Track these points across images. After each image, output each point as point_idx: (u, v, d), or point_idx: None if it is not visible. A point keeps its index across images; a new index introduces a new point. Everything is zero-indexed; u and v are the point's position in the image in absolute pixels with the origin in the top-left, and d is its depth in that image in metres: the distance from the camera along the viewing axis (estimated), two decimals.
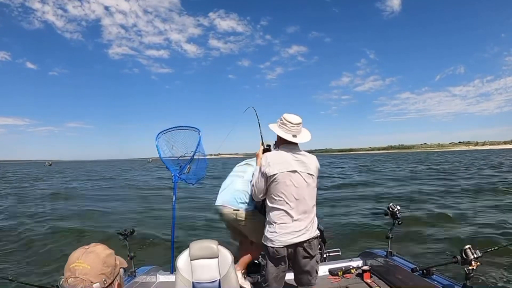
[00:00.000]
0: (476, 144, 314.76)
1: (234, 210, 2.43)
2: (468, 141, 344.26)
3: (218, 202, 2.52)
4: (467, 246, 1.69)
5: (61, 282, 1.55)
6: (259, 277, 2.08)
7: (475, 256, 1.66)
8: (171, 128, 3.32)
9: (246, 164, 2.70)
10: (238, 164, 2.75)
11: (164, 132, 3.31)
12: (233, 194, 2.47)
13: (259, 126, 3.06)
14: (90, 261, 0.91)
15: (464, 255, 1.68)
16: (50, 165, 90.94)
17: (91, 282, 0.89)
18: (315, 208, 2.05)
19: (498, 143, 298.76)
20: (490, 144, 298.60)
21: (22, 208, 11.34)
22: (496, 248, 1.82)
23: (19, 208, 11.55)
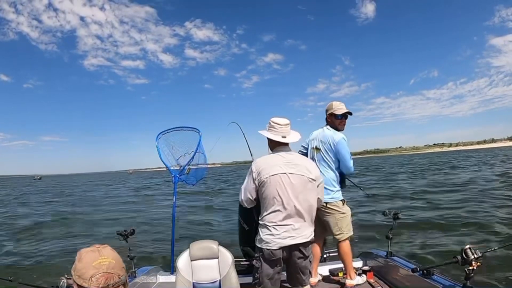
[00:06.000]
0: (450, 145, 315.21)
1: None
2: (442, 143, 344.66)
3: None
4: (467, 246, 1.69)
5: (61, 283, 1.57)
6: (253, 278, 2.05)
7: (475, 256, 1.65)
8: (171, 128, 3.32)
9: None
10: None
11: (164, 132, 3.31)
12: None
13: (246, 140, 3.20)
14: (113, 255, 0.90)
15: (464, 255, 1.68)
16: (40, 179, 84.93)
17: (119, 276, 0.87)
18: (312, 210, 2.02)
19: (471, 144, 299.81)
20: (463, 145, 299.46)
21: None
22: (497, 248, 1.82)
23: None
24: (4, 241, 7.63)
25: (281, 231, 1.91)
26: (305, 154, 2.77)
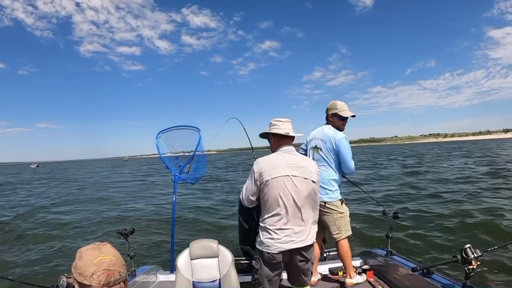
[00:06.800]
0: (445, 136, 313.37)
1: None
2: (438, 133, 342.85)
3: None
4: (467, 245, 1.68)
5: (60, 282, 1.56)
6: (252, 278, 2.05)
7: (475, 255, 1.65)
8: (171, 127, 3.33)
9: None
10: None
11: (164, 131, 3.32)
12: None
13: (247, 136, 3.24)
14: (113, 252, 0.91)
15: (464, 255, 1.67)
16: (38, 166, 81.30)
17: (120, 273, 0.88)
18: (314, 213, 2.00)
19: (467, 135, 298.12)
20: (458, 136, 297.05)
21: None
22: (497, 247, 1.81)
23: None
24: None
25: (282, 236, 1.88)
26: (304, 155, 2.76)
